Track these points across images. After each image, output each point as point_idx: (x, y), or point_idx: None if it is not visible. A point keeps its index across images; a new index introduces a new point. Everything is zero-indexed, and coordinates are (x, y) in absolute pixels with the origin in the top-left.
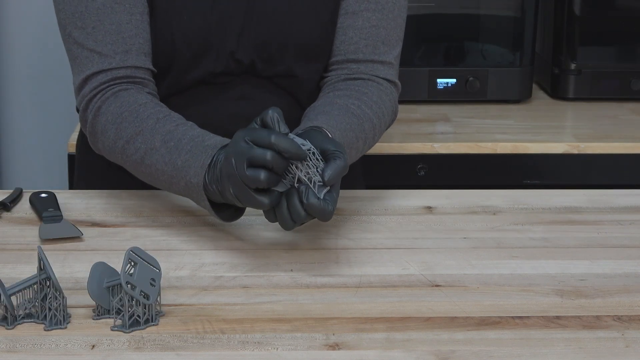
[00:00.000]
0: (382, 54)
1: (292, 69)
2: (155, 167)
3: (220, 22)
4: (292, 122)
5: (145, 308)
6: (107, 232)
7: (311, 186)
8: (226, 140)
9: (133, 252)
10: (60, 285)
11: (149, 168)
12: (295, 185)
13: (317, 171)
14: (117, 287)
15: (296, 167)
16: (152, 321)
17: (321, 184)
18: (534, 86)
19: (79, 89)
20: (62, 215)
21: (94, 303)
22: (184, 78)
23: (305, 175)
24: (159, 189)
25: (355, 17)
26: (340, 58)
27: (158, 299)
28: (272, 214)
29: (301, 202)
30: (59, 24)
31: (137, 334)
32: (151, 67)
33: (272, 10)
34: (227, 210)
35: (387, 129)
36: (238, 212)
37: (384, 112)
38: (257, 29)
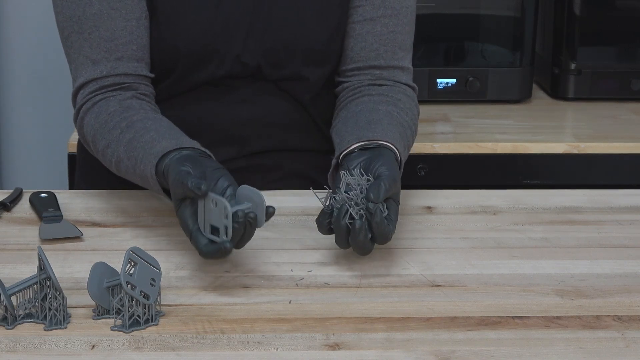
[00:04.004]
0: (400, 59)
1: (300, 72)
2: (127, 175)
3: (226, 26)
4: (295, 125)
5: (145, 308)
6: (107, 232)
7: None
8: (166, 148)
9: (133, 252)
10: (60, 285)
11: (124, 175)
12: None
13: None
14: (117, 287)
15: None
16: (152, 321)
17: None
18: (534, 86)
19: (73, 97)
20: (62, 215)
21: (94, 303)
22: (187, 80)
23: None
24: None
25: (373, 24)
26: (362, 64)
27: (158, 299)
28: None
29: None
30: (57, 26)
31: (137, 334)
32: (144, 72)
33: (279, 15)
34: None
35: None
36: None
37: (413, 118)
38: (263, 33)
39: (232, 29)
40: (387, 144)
